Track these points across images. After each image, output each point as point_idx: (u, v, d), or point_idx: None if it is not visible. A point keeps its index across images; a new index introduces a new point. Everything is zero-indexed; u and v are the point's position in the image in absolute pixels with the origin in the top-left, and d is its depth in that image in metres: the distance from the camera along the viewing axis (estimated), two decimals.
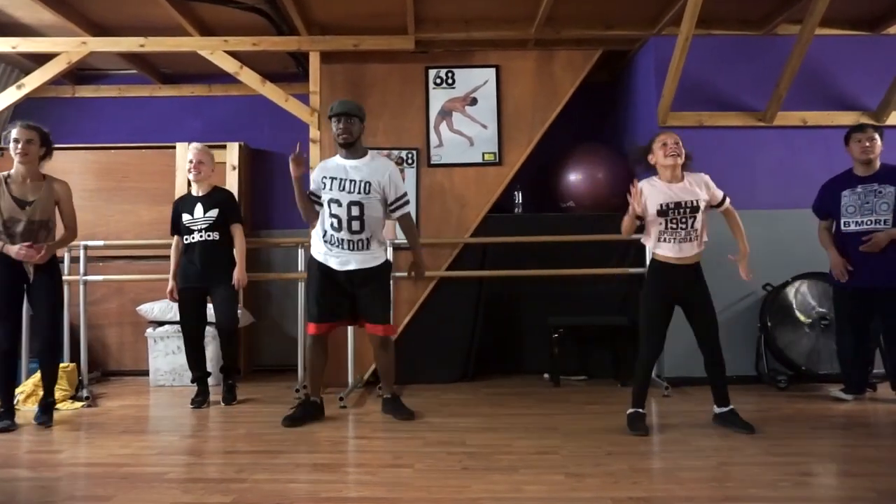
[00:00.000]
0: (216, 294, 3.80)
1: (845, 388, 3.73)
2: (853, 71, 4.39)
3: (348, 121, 3.22)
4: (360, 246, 3.26)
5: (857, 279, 3.60)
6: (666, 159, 3.04)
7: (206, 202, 3.81)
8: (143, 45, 4.25)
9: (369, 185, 3.24)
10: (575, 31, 4.36)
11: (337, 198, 3.22)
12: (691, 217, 3.02)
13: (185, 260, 3.80)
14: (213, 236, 3.77)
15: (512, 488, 2.29)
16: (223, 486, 2.35)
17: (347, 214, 3.21)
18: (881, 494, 2.16)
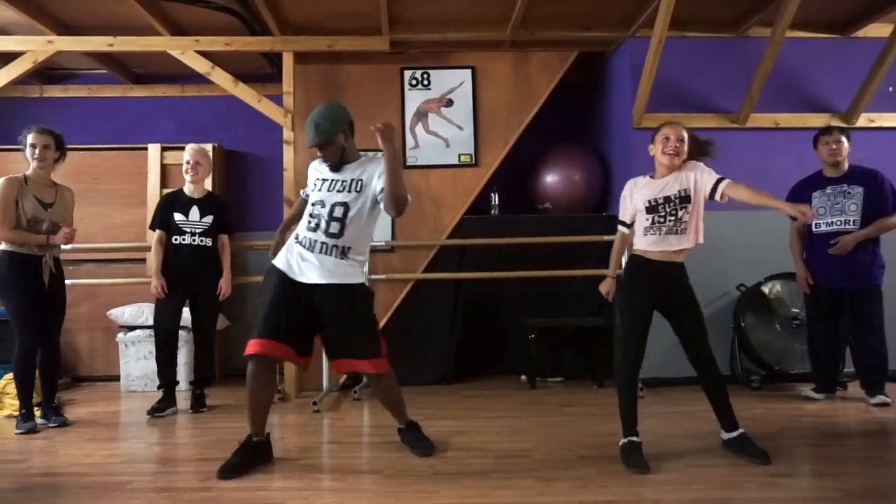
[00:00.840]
0: (201, 299, 3.76)
1: (816, 388, 3.77)
2: (824, 73, 4.44)
3: (323, 150, 2.78)
4: (334, 252, 2.72)
5: (827, 280, 3.64)
6: (662, 156, 2.72)
7: (202, 206, 3.77)
8: (112, 44, 4.17)
9: (360, 184, 2.77)
10: (550, 33, 4.35)
11: (322, 198, 2.79)
12: (682, 210, 2.65)
13: (173, 260, 3.71)
14: (206, 242, 3.74)
15: (481, 493, 2.27)
16: (188, 495, 2.31)
17: (329, 215, 2.74)
18: (846, 494, 2.18)
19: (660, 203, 2.70)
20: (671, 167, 2.72)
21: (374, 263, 4.43)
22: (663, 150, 2.71)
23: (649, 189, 2.75)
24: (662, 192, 2.71)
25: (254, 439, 2.69)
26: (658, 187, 2.73)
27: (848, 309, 3.65)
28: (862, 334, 3.64)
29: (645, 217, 2.73)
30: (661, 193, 2.71)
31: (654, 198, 2.72)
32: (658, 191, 2.72)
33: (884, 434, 2.99)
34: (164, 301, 3.71)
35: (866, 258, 3.57)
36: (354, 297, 2.75)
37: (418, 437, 2.86)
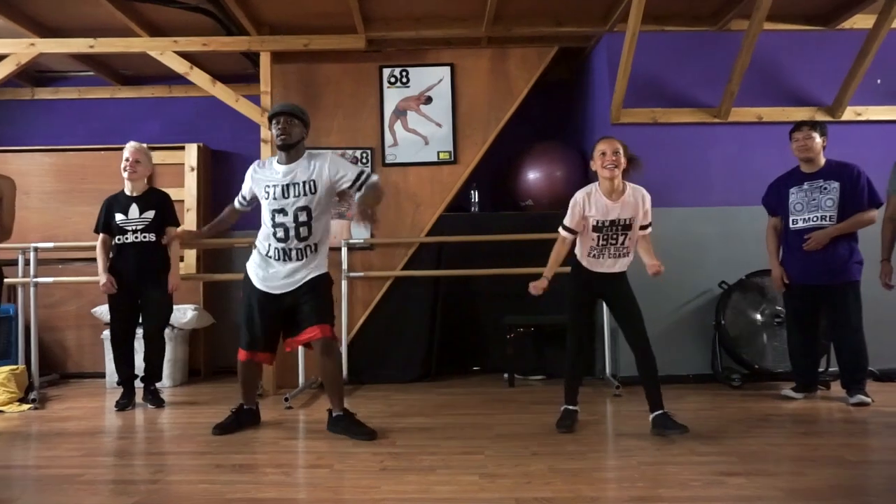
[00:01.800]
0: (148, 296, 3.77)
1: (795, 387, 3.70)
2: (808, 66, 4.36)
3: (288, 121, 2.95)
4: (308, 252, 2.99)
5: (804, 277, 3.57)
6: (603, 171, 2.89)
7: (141, 203, 3.77)
8: (93, 45, 4.24)
9: (315, 184, 2.94)
10: (526, 29, 4.33)
11: (281, 206, 2.94)
12: (623, 234, 2.92)
13: (117, 260, 3.74)
14: (148, 237, 3.74)
15: (421, 489, 2.26)
16: (133, 487, 2.33)
17: (295, 221, 2.94)
18: (788, 493, 2.13)
19: (605, 225, 2.93)
20: (612, 179, 2.90)
21: (352, 261, 4.44)
22: (602, 164, 2.89)
23: (598, 208, 2.93)
24: (609, 215, 2.92)
25: (245, 407, 3.22)
26: (606, 208, 2.92)
27: (825, 306, 3.57)
28: (839, 332, 3.56)
29: (592, 236, 2.95)
30: (606, 217, 2.92)
31: (601, 220, 2.93)
32: (605, 212, 2.92)
33: (849, 434, 2.91)
34: (115, 301, 3.75)
35: (843, 254, 3.49)
36: (319, 284, 3.05)
37: (352, 424, 3.02)
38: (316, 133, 4.53)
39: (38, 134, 5.14)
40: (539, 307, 4.55)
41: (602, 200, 2.94)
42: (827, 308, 3.57)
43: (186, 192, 4.88)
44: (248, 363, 3.12)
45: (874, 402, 3.46)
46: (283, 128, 2.96)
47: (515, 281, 4.54)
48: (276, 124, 2.98)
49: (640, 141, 4.25)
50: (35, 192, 4.96)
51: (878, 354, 3.95)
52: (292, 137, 2.98)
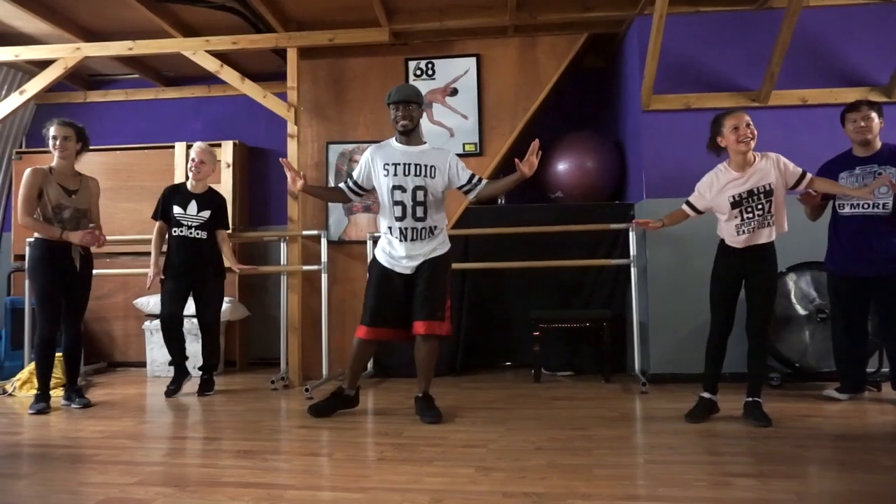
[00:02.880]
0: (202, 290, 3.91)
1: (840, 387, 3.44)
2: (860, 43, 4.05)
3: (407, 107, 3.09)
4: (424, 234, 3.12)
5: (851, 267, 3.31)
6: (738, 145, 2.88)
7: (201, 201, 3.92)
8: (132, 48, 4.43)
9: (435, 169, 3.12)
10: (553, 16, 4.22)
11: (401, 184, 3.09)
12: (767, 201, 2.89)
13: (173, 251, 3.88)
14: (202, 235, 3.90)
15: (411, 479, 2.23)
16: (138, 468, 2.41)
17: (413, 200, 3.08)
18: (800, 497, 1.96)
19: (743, 198, 2.91)
20: (748, 153, 2.90)
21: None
22: (738, 139, 2.87)
23: (732, 185, 2.93)
24: (745, 185, 2.91)
25: (345, 392, 3.26)
26: (740, 181, 2.92)
27: (875, 300, 3.31)
28: (890, 328, 3.29)
29: (733, 213, 2.93)
30: (743, 188, 2.91)
31: (737, 193, 2.91)
32: (741, 185, 2.91)
33: (890, 438, 2.67)
34: (167, 290, 3.89)
35: (894, 243, 3.20)
36: (436, 267, 3.14)
37: (426, 407, 3.13)
38: (343, 127, 4.60)
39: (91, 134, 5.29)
40: (570, 301, 4.45)
41: (732, 176, 2.95)
42: (876, 302, 3.31)
43: (223, 188, 5.01)
44: (364, 342, 3.16)
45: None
46: (402, 114, 3.11)
47: (545, 274, 4.46)
48: (396, 110, 3.12)
49: (672, 128, 4.11)
50: None
51: None
52: (413, 122, 3.14)
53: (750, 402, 2.95)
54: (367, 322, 3.14)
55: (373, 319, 3.13)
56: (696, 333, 3.97)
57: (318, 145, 4.60)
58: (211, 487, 2.17)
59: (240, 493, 2.11)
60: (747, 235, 2.94)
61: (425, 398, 3.19)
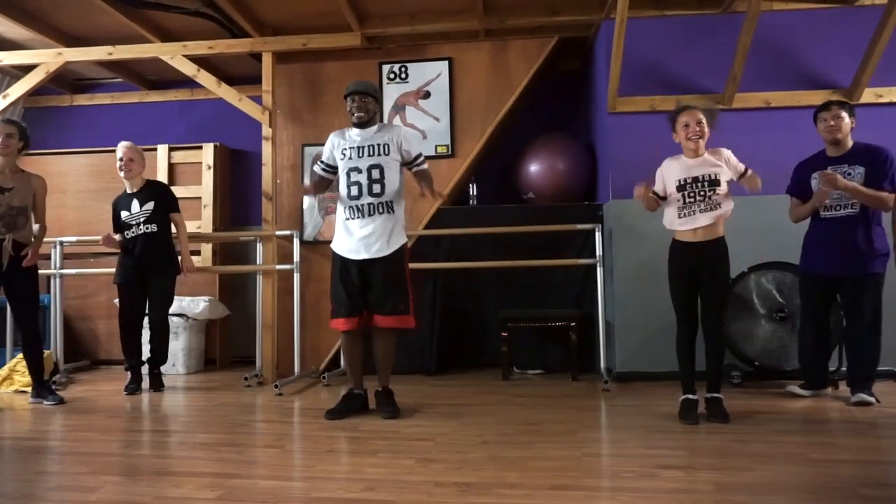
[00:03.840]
0: (153, 285, 3.98)
1: (804, 384, 3.50)
2: (823, 46, 4.10)
3: (362, 99, 3.17)
4: (380, 209, 3.13)
5: (823, 266, 3.38)
6: (687, 142, 2.99)
7: (140, 197, 4.00)
8: (112, 53, 4.54)
9: (388, 147, 3.17)
10: (522, 20, 4.30)
11: (356, 165, 3.16)
12: (710, 190, 2.96)
13: (128, 253, 3.97)
14: (152, 228, 3.95)
15: (352, 470, 2.31)
16: (95, 458, 2.50)
17: (368, 178, 3.14)
18: (718, 488, 2.03)
19: (688, 182, 2.99)
20: (697, 149, 3.00)
21: None
22: (687, 136, 2.99)
23: (680, 169, 3.03)
24: (691, 172, 3.00)
25: (354, 391, 3.28)
26: (688, 167, 3.02)
27: (841, 298, 3.37)
28: (851, 326, 3.35)
29: (677, 196, 3.02)
30: (689, 174, 3.00)
31: (682, 178, 3.00)
32: (688, 171, 3.01)
33: (827, 433, 2.73)
34: (124, 292, 3.99)
35: (866, 244, 3.26)
36: (393, 262, 3.16)
37: (387, 403, 3.23)
38: (318, 130, 4.69)
39: (77, 137, 5.54)
40: (539, 301, 4.52)
41: (683, 162, 3.05)
42: (842, 300, 3.37)
43: (204, 189, 5.13)
44: (346, 334, 3.21)
45: (880, 402, 3.23)
46: (358, 105, 3.18)
47: (517, 274, 4.54)
48: (352, 102, 3.19)
49: (638, 130, 4.17)
50: (71, 191, 5.35)
51: None
52: (368, 114, 3.21)
53: (710, 399, 3.00)
54: (337, 314, 3.20)
55: (340, 310, 3.19)
56: (660, 332, 4.03)
57: (293, 147, 4.70)
58: (158, 476, 2.26)
59: (184, 482, 2.19)
60: (686, 219, 3.00)
61: (385, 392, 3.26)
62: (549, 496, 1.99)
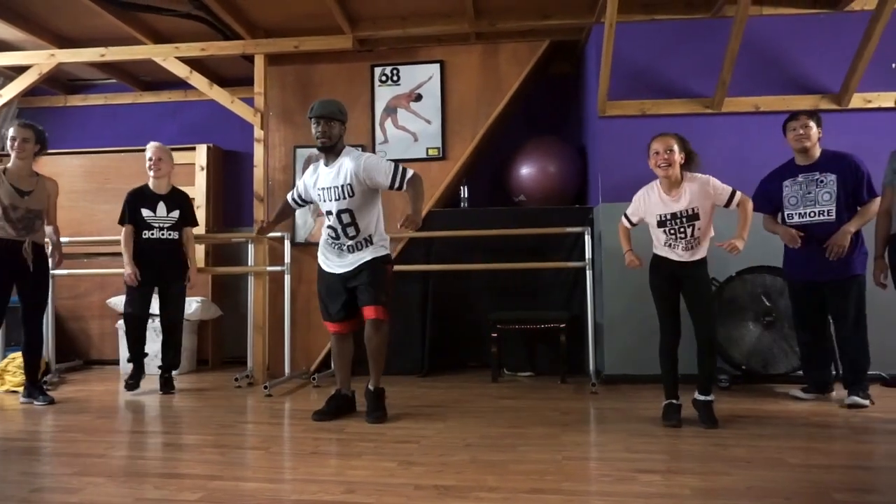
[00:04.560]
0: (170, 291, 4.01)
1: (806, 388, 3.53)
2: (813, 51, 4.11)
3: (327, 123, 3.07)
4: (359, 246, 3.17)
5: (805, 273, 3.42)
6: (657, 170, 2.96)
7: (168, 202, 4.01)
8: (104, 55, 4.56)
9: (351, 188, 3.07)
10: (512, 23, 4.31)
11: (329, 209, 3.15)
12: (689, 226, 2.94)
13: (142, 253, 3.94)
14: (173, 236, 4.00)
15: (335, 472, 2.32)
16: (79, 459, 2.52)
17: (340, 223, 3.12)
18: (695, 492, 2.05)
19: (668, 219, 2.97)
20: (667, 177, 2.94)
21: None
22: (656, 163, 2.95)
23: (658, 204, 2.99)
24: (670, 209, 2.96)
25: (342, 392, 3.27)
26: (665, 203, 2.97)
27: (826, 302, 3.40)
28: (838, 330, 3.38)
29: (659, 230, 3.01)
30: (667, 210, 2.97)
31: (662, 213, 2.98)
32: (666, 207, 2.97)
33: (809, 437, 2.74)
34: (134, 290, 3.97)
35: None
36: (376, 265, 3.17)
37: (375, 407, 3.16)
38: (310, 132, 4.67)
39: (71, 138, 5.56)
40: (530, 303, 4.54)
41: (660, 196, 3.00)
42: (829, 305, 3.40)
43: (197, 191, 5.15)
44: (336, 336, 3.26)
45: (874, 404, 3.26)
46: (322, 130, 3.09)
47: (508, 276, 4.55)
48: (316, 126, 3.10)
49: (628, 134, 4.18)
50: (65, 192, 5.29)
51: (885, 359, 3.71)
52: (331, 139, 3.11)
53: (699, 402, 3.01)
54: (326, 319, 3.28)
55: (327, 316, 3.26)
56: (649, 335, 4.02)
57: (285, 149, 4.72)
58: (139, 478, 2.28)
59: (165, 483, 2.21)
60: (670, 251, 3.01)
61: (375, 393, 3.20)
62: (526, 500, 2.01)
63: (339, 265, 3.22)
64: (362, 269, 3.17)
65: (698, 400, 3.01)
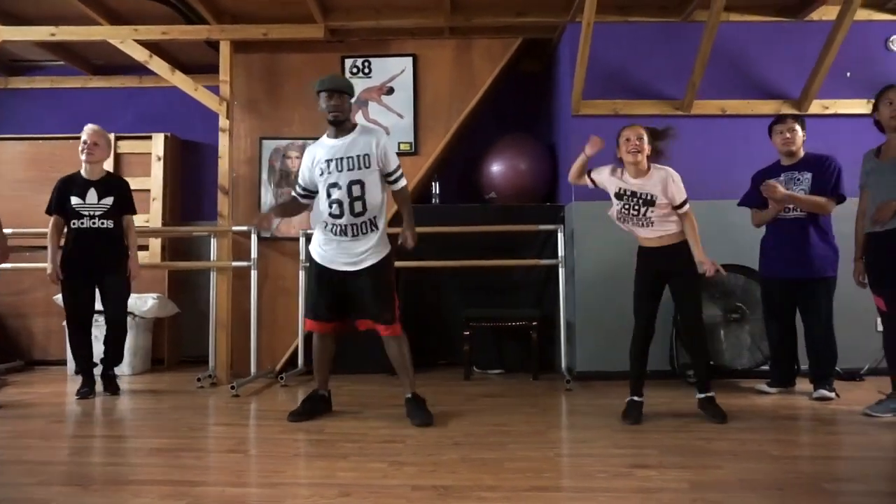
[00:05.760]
0: (108, 284, 3.75)
1: (770, 381, 3.64)
2: (776, 58, 4.27)
3: (339, 97, 2.95)
4: (363, 229, 2.99)
5: (779, 271, 3.54)
6: (627, 155, 2.99)
7: (100, 188, 3.74)
8: (55, 34, 4.27)
9: (368, 158, 2.96)
10: (488, 19, 4.29)
11: (336, 181, 2.95)
12: (645, 208, 3.00)
13: (74, 246, 3.70)
14: (107, 224, 3.71)
15: (325, 474, 2.24)
16: (42, 468, 2.33)
17: (349, 196, 2.94)
18: (693, 486, 2.07)
19: (626, 194, 3.04)
20: (637, 164, 2.99)
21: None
22: (627, 150, 2.99)
23: (621, 180, 3.05)
24: (630, 186, 3.03)
25: (319, 392, 3.17)
26: (628, 182, 3.04)
27: (798, 299, 3.53)
28: (809, 326, 3.51)
29: (616, 203, 3.07)
30: (628, 187, 3.03)
31: (621, 188, 3.04)
32: (627, 185, 3.04)
33: (785, 430, 2.84)
34: (70, 287, 3.70)
35: (818, 249, 3.44)
36: (380, 273, 3.04)
37: (416, 409, 3.02)
38: (277, 123, 4.55)
39: (12, 122, 5.20)
40: (501, 300, 4.53)
41: (623, 176, 3.06)
42: (799, 301, 3.53)
43: (153, 182, 4.91)
44: (318, 336, 3.13)
45: (840, 397, 3.41)
46: (335, 104, 2.96)
47: (479, 273, 4.53)
48: (328, 99, 2.96)
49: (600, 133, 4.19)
50: (6, 180, 5.02)
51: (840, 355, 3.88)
52: (344, 113, 2.99)
53: (705, 399, 3.03)
54: (311, 317, 3.12)
55: (317, 315, 3.10)
56: (620, 332, 4.07)
57: (250, 140, 4.55)
58: (115, 485, 2.13)
59: (145, 491, 2.07)
60: (624, 225, 3.11)
61: (414, 399, 3.07)
62: (529, 498, 1.99)
63: (339, 261, 3.01)
64: (366, 274, 3.00)
65: (704, 398, 3.04)
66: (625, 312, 4.11)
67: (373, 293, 3.01)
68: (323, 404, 3.19)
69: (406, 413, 3.06)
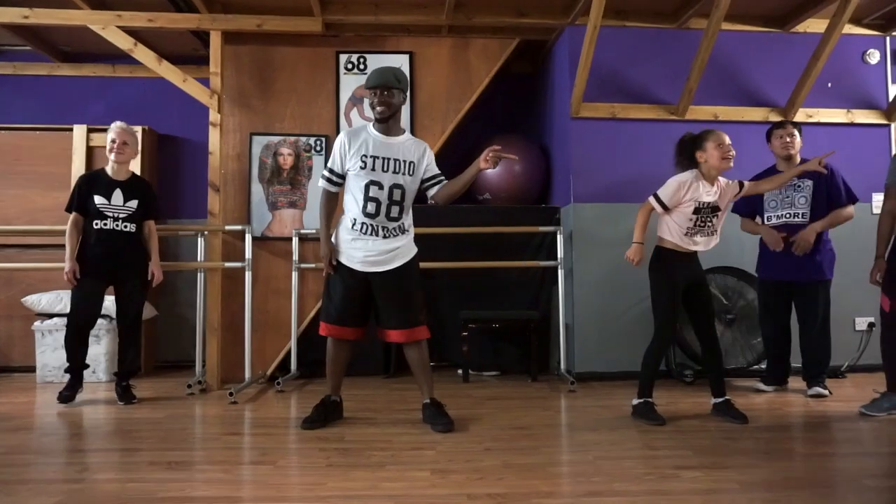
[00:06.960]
0: (126, 287, 3.56)
1: (765, 379, 3.75)
2: (764, 67, 4.42)
3: (388, 93, 2.82)
4: (394, 232, 2.91)
5: (777, 273, 3.63)
6: (723, 162, 2.92)
7: (126, 189, 3.54)
8: (28, 16, 3.97)
9: (413, 167, 2.91)
10: (488, 18, 4.26)
11: (378, 179, 2.82)
12: (713, 216, 3.00)
13: (94, 245, 3.47)
14: (130, 228, 3.53)
15: (369, 485, 2.15)
16: (54, 486, 2.15)
17: (389, 198, 2.84)
18: (744, 486, 2.10)
19: (704, 206, 2.96)
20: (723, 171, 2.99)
21: (303, 252, 4.30)
22: (722, 155, 2.93)
23: (701, 192, 2.96)
24: (710, 197, 2.98)
25: (331, 398, 3.06)
26: (707, 191, 2.98)
27: (795, 301, 3.64)
28: (805, 327, 3.62)
29: (691, 217, 2.97)
30: (707, 199, 2.97)
31: (702, 201, 2.96)
32: (707, 195, 2.97)
33: (799, 427, 2.94)
34: (82, 287, 3.48)
35: (815, 253, 3.54)
36: (410, 273, 2.96)
37: (437, 414, 2.94)
38: (268, 118, 4.39)
39: None
40: (497, 302, 4.51)
41: (703, 184, 2.99)
42: (796, 303, 3.64)
43: None
44: (335, 341, 2.99)
45: (832, 394, 3.54)
46: (381, 99, 2.84)
47: (475, 275, 4.49)
48: (374, 95, 2.85)
49: (599, 135, 4.27)
50: None
51: None
52: (391, 109, 2.87)
53: (723, 403, 3.05)
54: (333, 321, 2.95)
55: (339, 320, 2.94)
56: (617, 333, 4.17)
57: (240, 136, 4.36)
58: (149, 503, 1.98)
59: None
60: (692, 240, 3.01)
61: (433, 404, 2.99)
62: None
63: (368, 260, 2.88)
64: (395, 274, 2.91)
65: (720, 402, 3.06)
66: (622, 314, 4.20)
67: (403, 293, 2.94)
68: (335, 410, 3.08)
69: (424, 418, 2.99)
